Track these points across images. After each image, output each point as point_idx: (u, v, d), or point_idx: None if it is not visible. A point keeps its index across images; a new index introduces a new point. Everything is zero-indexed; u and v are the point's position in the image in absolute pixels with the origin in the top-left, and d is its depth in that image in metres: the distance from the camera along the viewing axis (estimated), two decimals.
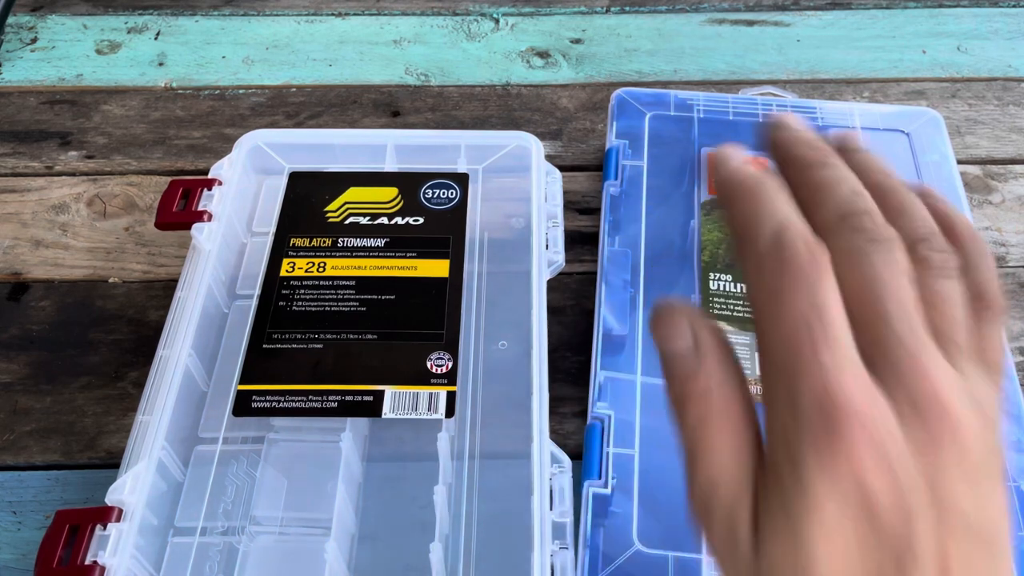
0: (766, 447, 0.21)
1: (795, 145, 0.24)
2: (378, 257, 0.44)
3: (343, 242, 0.44)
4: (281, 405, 0.38)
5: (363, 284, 0.43)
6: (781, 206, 0.22)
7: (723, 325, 0.42)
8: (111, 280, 0.49)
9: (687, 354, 0.22)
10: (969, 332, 0.23)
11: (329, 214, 0.46)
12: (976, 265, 0.23)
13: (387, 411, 0.38)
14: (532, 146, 0.48)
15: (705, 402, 0.22)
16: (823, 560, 0.20)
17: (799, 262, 0.20)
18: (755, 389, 0.23)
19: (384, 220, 0.45)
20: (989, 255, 0.24)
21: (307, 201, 0.46)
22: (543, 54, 0.62)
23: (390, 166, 0.49)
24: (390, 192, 0.47)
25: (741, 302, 0.44)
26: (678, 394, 0.23)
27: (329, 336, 0.41)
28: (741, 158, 0.23)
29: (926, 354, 0.21)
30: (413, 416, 0.38)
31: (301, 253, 0.44)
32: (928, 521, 0.20)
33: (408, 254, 0.44)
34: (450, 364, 0.40)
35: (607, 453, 0.38)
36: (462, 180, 0.47)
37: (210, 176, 0.47)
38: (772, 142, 0.24)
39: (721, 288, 0.44)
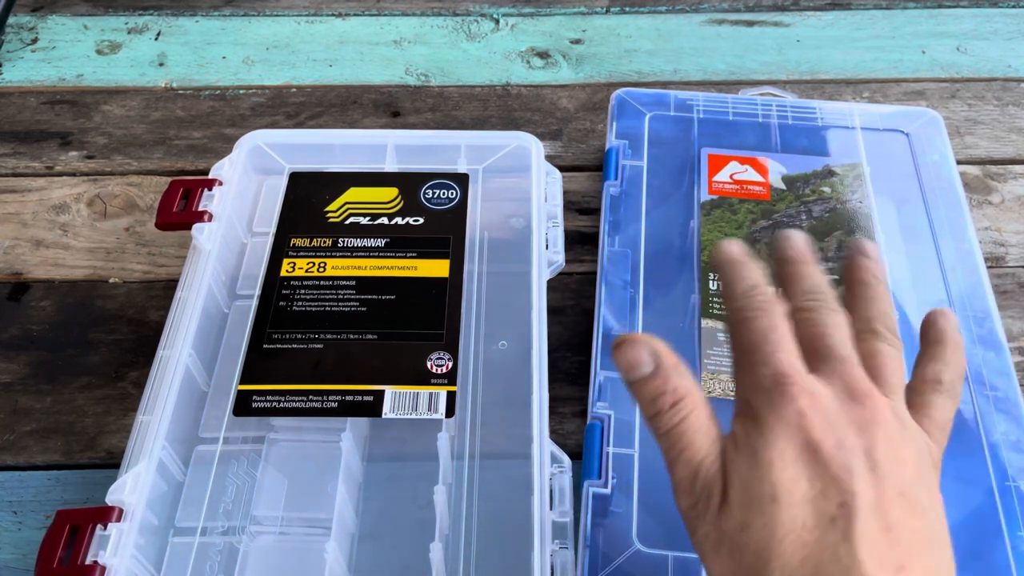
0: (730, 427, 0.28)
1: (791, 252, 0.31)
2: (378, 257, 0.44)
3: (343, 242, 0.45)
4: (281, 405, 0.38)
5: (363, 284, 0.43)
6: (752, 273, 0.30)
7: (723, 325, 0.42)
8: (111, 280, 0.49)
9: (654, 376, 0.28)
10: (904, 386, 0.29)
11: (329, 214, 0.46)
12: (946, 360, 0.30)
13: (387, 411, 0.38)
14: (532, 146, 0.48)
15: (677, 411, 0.27)
16: (778, 475, 0.25)
17: (765, 303, 0.28)
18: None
19: (384, 220, 0.45)
20: (962, 363, 0.31)
21: (307, 201, 0.46)
22: (543, 54, 0.62)
23: (390, 166, 0.49)
24: (390, 192, 0.47)
25: None
26: (653, 410, 0.28)
27: (329, 336, 0.41)
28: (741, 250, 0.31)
29: (857, 367, 0.27)
30: (413, 416, 0.38)
31: (301, 253, 0.44)
32: (866, 480, 0.24)
33: (408, 254, 0.44)
34: (450, 364, 0.40)
35: (607, 453, 0.38)
36: (462, 180, 0.47)
37: (210, 176, 0.47)
38: (780, 254, 0.32)
39: (721, 288, 0.44)
